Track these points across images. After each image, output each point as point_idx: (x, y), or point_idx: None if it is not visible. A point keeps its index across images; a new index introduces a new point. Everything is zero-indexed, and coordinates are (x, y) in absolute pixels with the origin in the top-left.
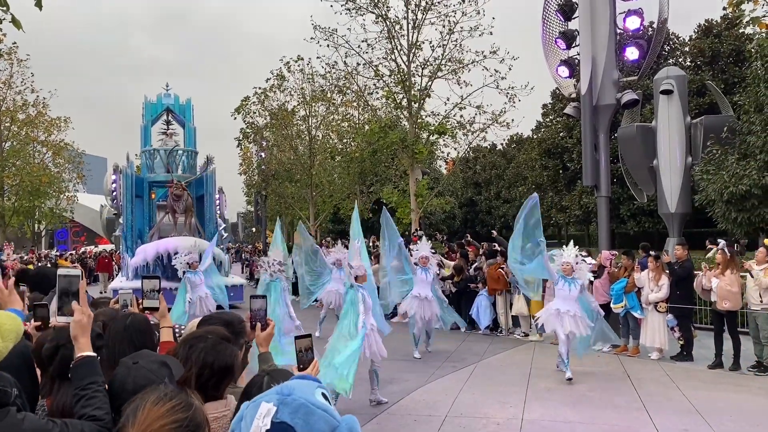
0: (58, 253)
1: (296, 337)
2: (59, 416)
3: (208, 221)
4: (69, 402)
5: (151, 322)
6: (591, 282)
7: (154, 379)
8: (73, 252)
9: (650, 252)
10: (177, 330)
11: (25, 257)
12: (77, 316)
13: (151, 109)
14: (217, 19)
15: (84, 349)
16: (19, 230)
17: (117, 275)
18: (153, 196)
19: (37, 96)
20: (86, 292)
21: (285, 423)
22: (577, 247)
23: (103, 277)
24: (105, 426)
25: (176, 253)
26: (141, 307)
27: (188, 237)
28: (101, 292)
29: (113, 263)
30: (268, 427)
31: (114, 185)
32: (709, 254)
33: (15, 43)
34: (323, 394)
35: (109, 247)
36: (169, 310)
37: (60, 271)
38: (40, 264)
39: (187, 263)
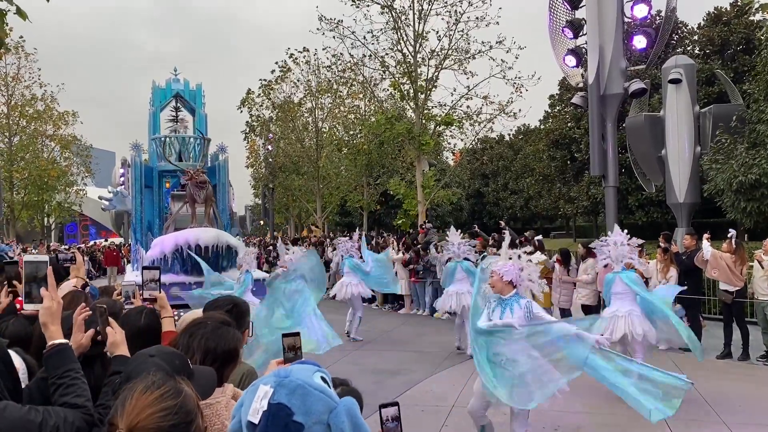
0: (66, 247)
1: (283, 335)
2: None
3: (222, 212)
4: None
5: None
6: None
7: (169, 372)
8: (82, 245)
9: (659, 244)
10: (177, 318)
11: (35, 251)
12: (47, 302)
13: (160, 94)
14: (220, 11)
15: (55, 337)
16: (28, 224)
17: (130, 268)
18: (168, 185)
19: (45, 91)
20: (81, 278)
21: (282, 404)
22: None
23: (111, 271)
24: (87, 413)
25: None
26: (141, 297)
27: (209, 228)
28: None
29: (121, 256)
30: (265, 408)
31: (122, 179)
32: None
33: (22, 37)
34: (322, 378)
35: (117, 240)
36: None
37: (26, 258)
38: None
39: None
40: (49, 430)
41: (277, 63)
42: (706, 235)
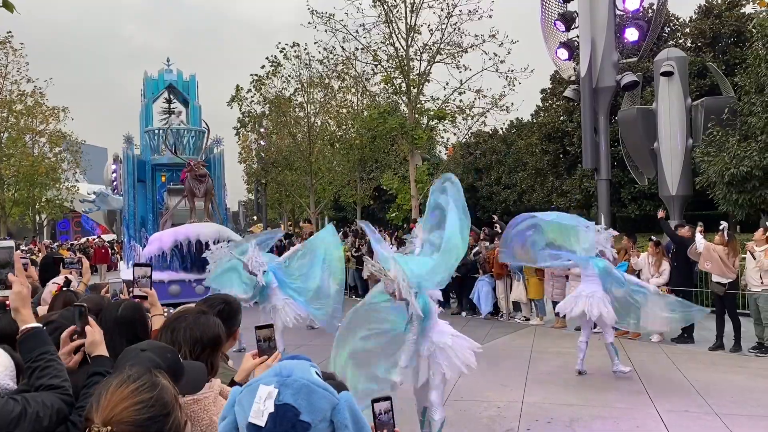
0: (58, 244)
1: (256, 327)
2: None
3: (217, 207)
4: (79, 384)
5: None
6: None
7: (161, 366)
8: (75, 242)
9: (651, 237)
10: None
11: (25, 248)
12: (17, 287)
13: (152, 86)
14: (209, 3)
15: (27, 321)
16: (20, 221)
17: (124, 265)
18: (164, 179)
19: (34, 86)
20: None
21: (289, 405)
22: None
23: (101, 269)
24: (65, 392)
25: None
26: (132, 295)
27: (210, 223)
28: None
29: (113, 253)
30: (272, 410)
31: (114, 175)
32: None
33: (10, 32)
34: (316, 373)
35: (110, 237)
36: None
37: None
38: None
39: None
40: (29, 418)
41: (267, 58)
42: (699, 228)
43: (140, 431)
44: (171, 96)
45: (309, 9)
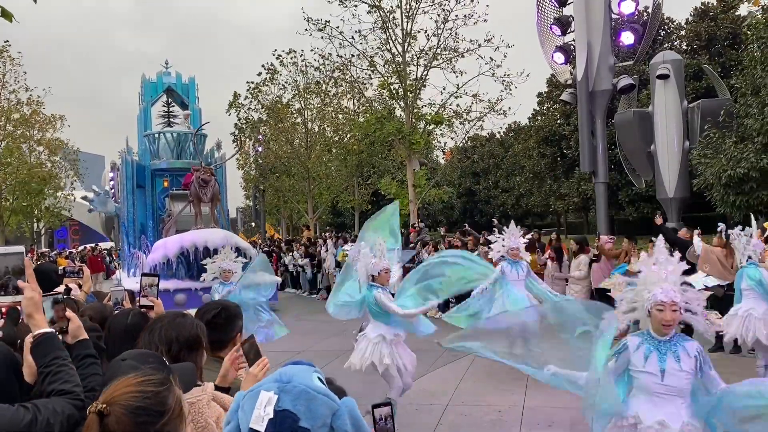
0: (56, 252)
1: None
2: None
3: (222, 212)
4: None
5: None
6: (589, 265)
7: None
8: (73, 250)
9: (652, 239)
10: None
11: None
12: (28, 293)
13: (151, 89)
14: (203, 9)
15: (40, 326)
16: (18, 229)
17: (124, 273)
18: (166, 183)
19: (30, 94)
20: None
21: (287, 410)
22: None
23: (96, 277)
24: (76, 398)
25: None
26: (138, 305)
27: (217, 229)
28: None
29: (110, 261)
30: (271, 415)
31: (112, 182)
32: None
33: (7, 41)
34: (318, 378)
35: (109, 244)
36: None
37: None
38: (39, 263)
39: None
40: (40, 426)
41: (263, 66)
42: (696, 231)
43: (131, 417)
44: (170, 99)
45: (305, 17)
